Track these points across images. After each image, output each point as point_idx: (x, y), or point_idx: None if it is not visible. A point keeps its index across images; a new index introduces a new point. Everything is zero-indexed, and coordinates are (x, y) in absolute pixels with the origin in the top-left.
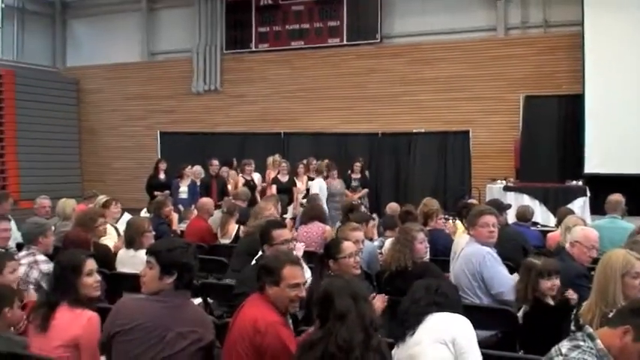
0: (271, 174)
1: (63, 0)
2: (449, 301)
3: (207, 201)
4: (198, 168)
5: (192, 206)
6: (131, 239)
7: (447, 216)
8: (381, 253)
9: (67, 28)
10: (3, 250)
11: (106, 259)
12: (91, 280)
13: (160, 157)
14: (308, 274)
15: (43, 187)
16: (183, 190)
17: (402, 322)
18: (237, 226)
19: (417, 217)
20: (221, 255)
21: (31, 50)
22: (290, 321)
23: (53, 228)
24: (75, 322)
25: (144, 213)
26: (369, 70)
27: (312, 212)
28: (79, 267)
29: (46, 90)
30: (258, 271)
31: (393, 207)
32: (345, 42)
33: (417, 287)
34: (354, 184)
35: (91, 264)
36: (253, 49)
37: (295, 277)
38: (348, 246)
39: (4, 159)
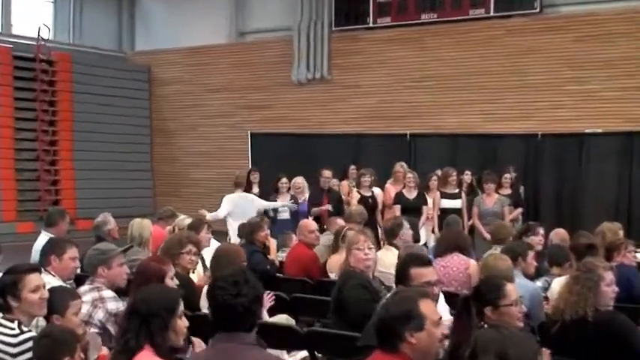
0: (392, 189)
1: None
2: None
3: (310, 223)
4: (299, 180)
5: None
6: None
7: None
8: (545, 297)
9: (135, 3)
10: (67, 285)
11: (188, 295)
12: (182, 324)
13: (251, 165)
14: (447, 314)
15: (105, 202)
16: (283, 209)
17: None
18: None
19: (598, 250)
20: (330, 293)
21: (91, 31)
22: None
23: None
24: None
25: (233, 238)
26: (524, 51)
27: (451, 240)
28: (173, 309)
29: (110, 80)
30: (389, 324)
31: (560, 234)
32: (492, 13)
33: None
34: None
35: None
36: (370, 24)
37: (435, 311)
38: (512, 290)
39: (58, 166)
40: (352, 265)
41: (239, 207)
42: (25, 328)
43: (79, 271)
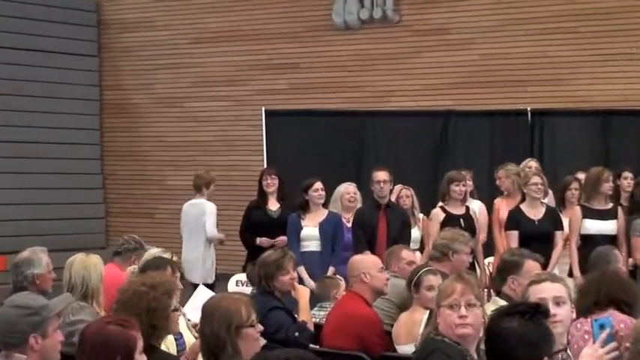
0: (504, 203)
1: None
2: None
3: (365, 261)
4: (352, 190)
5: (332, 269)
6: (217, 340)
7: None
8: None
9: None
10: None
11: None
12: None
13: (267, 163)
14: None
15: (27, 227)
16: (311, 235)
17: None
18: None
19: None
20: None
21: None
22: None
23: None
24: None
25: (235, 285)
26: None
27: (603, 289)
28: None
29: (35, 25)
30: None
31: None
32: None
33: None
34: None
35: None
36: None
37: None
38: None
39: None
40: (440, 332)
41: (187, 220)
42: None
43: None
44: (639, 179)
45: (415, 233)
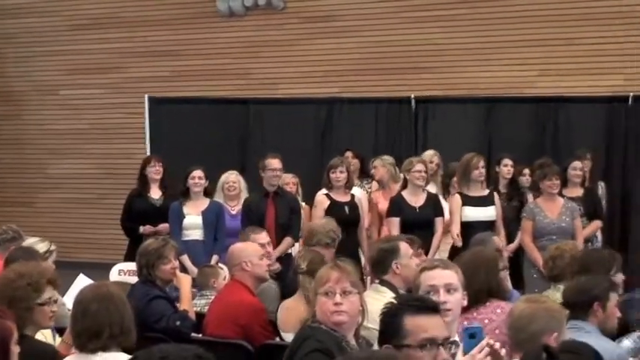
0: (380, 197)
1: None
2: None
3: (246, 249)
4: (233, 178)
5: (215, 258)
6: (92, 331)
7: None
8: None
9: None
10: None
11: None
12: None
13: (150, 151)
14: None
15: None
16: (193, 223)
17: None
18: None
19: None
20: None
21: None
22: None
23: None
24: None
25: (117, 275)
26: None
27: (475, 277)
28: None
29: None
30: None
31: None
32: None
33: None
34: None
35: None
36: None
37: None
38: None
39: None
40: (318, 320)
41: None
42: None
43: None
44: (542, 161)
45: None
